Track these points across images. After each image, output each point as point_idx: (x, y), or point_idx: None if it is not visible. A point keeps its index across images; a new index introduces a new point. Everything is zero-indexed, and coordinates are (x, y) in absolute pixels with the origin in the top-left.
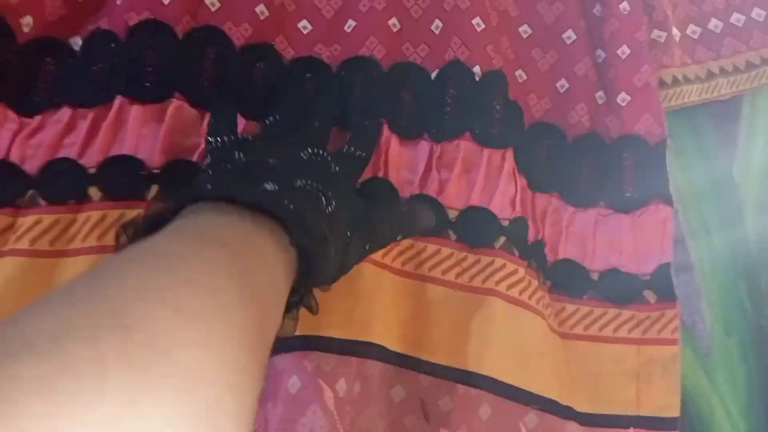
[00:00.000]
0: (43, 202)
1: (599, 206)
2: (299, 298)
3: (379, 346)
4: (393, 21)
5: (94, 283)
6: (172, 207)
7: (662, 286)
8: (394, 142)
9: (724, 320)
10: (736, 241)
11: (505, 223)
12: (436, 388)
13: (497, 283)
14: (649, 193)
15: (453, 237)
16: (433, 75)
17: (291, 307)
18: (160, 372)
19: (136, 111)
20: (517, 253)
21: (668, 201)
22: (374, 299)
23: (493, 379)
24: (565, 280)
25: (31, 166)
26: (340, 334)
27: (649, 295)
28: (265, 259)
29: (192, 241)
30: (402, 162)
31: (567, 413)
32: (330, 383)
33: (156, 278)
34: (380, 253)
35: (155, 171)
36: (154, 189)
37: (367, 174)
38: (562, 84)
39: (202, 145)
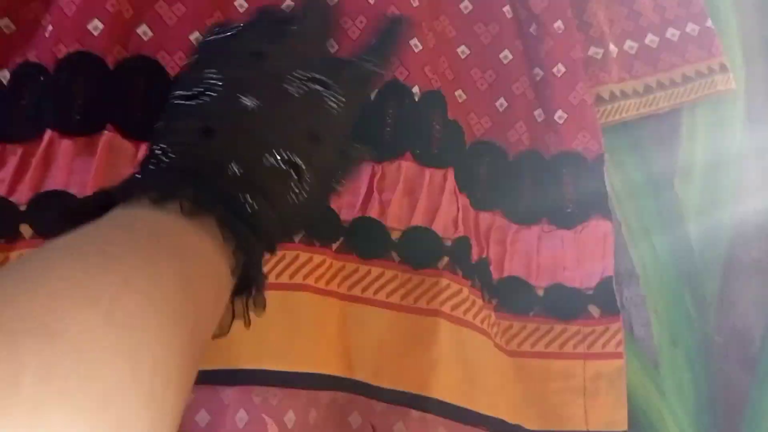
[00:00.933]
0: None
1: (542, 223)
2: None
3: (326, 375)
4: (330, 42)
5: (23, 276)
6: (120, 194)
7: (605, 300)
8: None
9: (671, 330)
10: (678, 250)
11: (448, 243)
12: (389, 414)
13: (442, 303)
14: (589, 208)
15: (396, 258)
16: (372, 95)
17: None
18: (80, 382)
19: (66, 145)
20: (461, 273)
21: (608, 216)
22: (318, 328)
23: (441, 401)
24: (511, 297)
25: None
26: (283, 366)
27: (593, 310)
28: (210, 264)
29: (135, 238)
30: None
31: (518, 431)
32: (276, 417)
33: (90, 276)
34: (324, 279)
35: None
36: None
37: None
38: (501, 103)
39: None
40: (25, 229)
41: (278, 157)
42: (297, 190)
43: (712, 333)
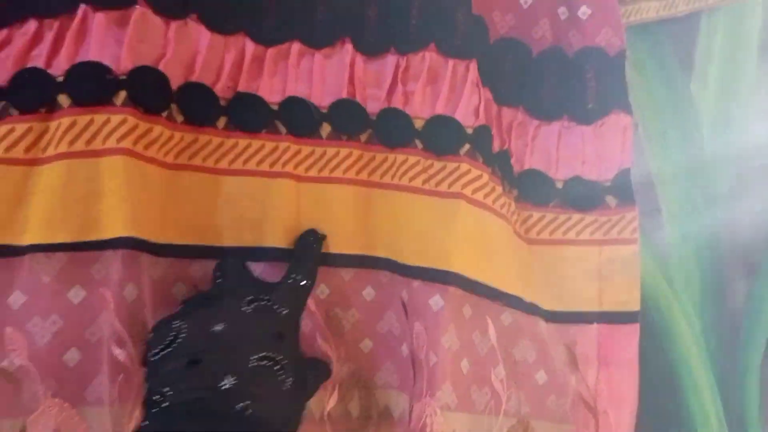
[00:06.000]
0: (15, 112)
1: (563, 119)
2: None
3: (351, 255)
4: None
5: None
6: None
7: (622, 191)
8: (359, 60)
9: (681, 227)
10: (691, 150)
11: (469, 131)
12: (423, 289)
13: (463, 187)
14: (610, 103)
15: (419, 146)
16: None
17: None
18: None
19: (99, 18)
20: (481, 160)
21: (628, 110)
22: (344, 215)
23: (462, 276)
24: (530, 189)
25: (1, 79)
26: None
27: (610, 200)
28: None
29: None
30: (368, 79)
31: (533, 309)
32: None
33: None
34: (353, 169)
35: (122, 77)
36: (121, 95)
37: (332, 97)
38: (526, 0)
39: (168, 55)
40: (63, 99)
41: (259, 356)
42: (282, 376)
43: (720, 231)
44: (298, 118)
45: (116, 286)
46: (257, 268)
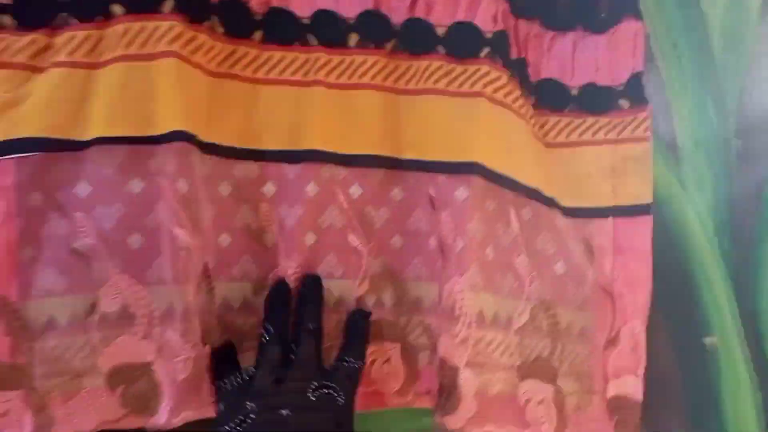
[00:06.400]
0: (74, 21)
1: (577, 29)
2: None
3: (381, 156)
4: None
5: None
6: None
7: (635, 93)
8: None
9: (694, 135)
10: (702, 60)
11: (489, 36)
12: (449, 182)
13: (484, 86)
14: (621, 11)
15: (442, 51)
16: None
17: None
18: None
19: None
20: (500, 62)
21: (638, 16)
22: (373, 119)
23: (484, 166)
24: (547, 96)
25: None
26: (344, 149)
27: (623, 103)
28: None
29: None
30: None
31: (552, 203)
32: (344, 189)
33: None
34: (380, 76)
35: None
36: (168, 3)
37: (359, 8)
38: None
39: None
40: (117, 9)
41: None
42: None
43: (731, 137)
44: (327, 30)
45: (170, 178)
46: (293, 170)
